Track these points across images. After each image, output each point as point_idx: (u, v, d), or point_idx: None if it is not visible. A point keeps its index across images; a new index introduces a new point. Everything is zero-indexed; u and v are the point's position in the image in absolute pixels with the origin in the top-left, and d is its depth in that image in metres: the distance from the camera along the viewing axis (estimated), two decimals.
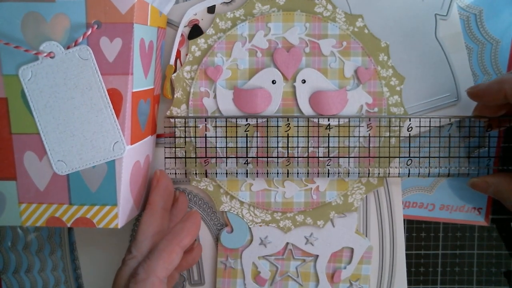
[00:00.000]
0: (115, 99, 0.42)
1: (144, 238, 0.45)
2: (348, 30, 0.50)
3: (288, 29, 0.50)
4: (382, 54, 0.50)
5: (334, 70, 0.50)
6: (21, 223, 0.44)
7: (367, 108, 0.50)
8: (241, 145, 0.51)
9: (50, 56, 0.41)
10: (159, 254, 0.43)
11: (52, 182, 0.43)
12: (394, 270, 0.53)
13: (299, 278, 0.53)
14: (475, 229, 0.53)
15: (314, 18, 0.50)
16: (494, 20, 0.51)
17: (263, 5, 0.50)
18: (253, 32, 0.50)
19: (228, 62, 0.50)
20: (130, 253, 0.44)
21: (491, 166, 0.50)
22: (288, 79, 0.50)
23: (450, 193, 0.53)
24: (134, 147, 0.44)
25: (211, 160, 0.51)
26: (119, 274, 0.44)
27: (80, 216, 0.44)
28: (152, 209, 0.47)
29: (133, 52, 0.42)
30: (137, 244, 0.45)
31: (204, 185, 0.52)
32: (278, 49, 0.50)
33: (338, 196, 0.51)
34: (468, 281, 0.54)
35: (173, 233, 0.45)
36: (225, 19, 0.50)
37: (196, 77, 0.51)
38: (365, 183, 0.51)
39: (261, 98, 0.50)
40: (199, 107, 0.51)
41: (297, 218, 0.52)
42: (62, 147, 0.43)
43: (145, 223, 0.46)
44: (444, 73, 0.51)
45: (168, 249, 0.43)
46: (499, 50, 0.51)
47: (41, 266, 0.56)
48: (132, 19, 0.41)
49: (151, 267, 0.42)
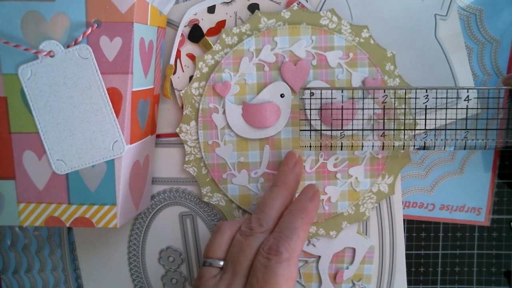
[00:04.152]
0: (114, 98, 0.42)
1: (274, 215, 0.44)
2: (354, 41, 0.50)
3: (294, 42, 0.50)
4: (389, 64, 0.50)
5: (341, 82, 0.50)
6: (20, 222, 0.44)
7: (375, 118, 0.50)
8: (252, 159, 0.51)
9: (49, 55, 0.41)
10: (297, 234, 0.42)
11: (51, 181, 0.43)
12: (394, 270, 0.53)
13: (301, 279, 0.53)
14: (475, 229, 0.53)
15: (320, 30, 0.50)
16: (494, 20, 0.51)
17: (268, 19, 0.50)
18: (260, 46, 0.50)
19: (236, 77, 0.50)
20: (261, 226, 0.43)
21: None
22: (296, 92, 0.50)
23: (450, 193, 0.53)
24: (133, 146, 0.44)
25: (223, 175, 0.51)
26: (248, 242, 0.43)
27: (79, 215, 0.44)
28: (286, 188, 0.47)
29: (133, 51, 0.42)
30: (267, 219, 0.44)
31: (216, 200, 0.52)
32: (285, 63, 0.50)
33: (350, 206, 0.51)
34: (468, 281, 0.54)
35: (306, 211, 0.44)
36: (232, 34, 0.50)
37: (204, 93, 0.51)
38: (376, 192, 0.51)
39: (270, 112, 0.50)
40: (209, 123, 0.51)
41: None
42: (62, 146, 0.42)
43: (277, 200, 0.45)
44: (444, 73, 0.51)
45: (304, 228, 0.43)
46: (499, 50, 0.51)
47: (41, 266, 0.55)
48: (132, 18, 0.41)
49: (293, 247, 0.41)
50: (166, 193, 0.53)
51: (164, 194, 0.53)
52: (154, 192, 0.53)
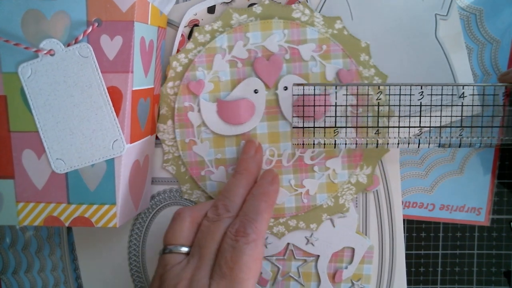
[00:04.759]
0: (115, 97, 0.42)
1: (239, 200, 0.46)
2: (327, 33, 0.50)
3: (267, 37, 0.50)
4: (363, 54, 0.50)
5: (315, 75, 0.50)
6: (19, 222, 0.44)
7: (351, 109, 0.50)
8: (229, 155, 0.51)
9: (50, 54, 0.41)
10: (262, 216, 0.44)
11: (50, 180, 0.43)
12: (394, 270, 0.53)
13: (300, 278, 0.53)
14: (475, 229, 0.53)
15: (292, 24, 0.50)
16: (494, 20, 0.51)
17: (240, 15, 0.50)
18: (232, 43, 0.50)
19: (210, 75, 0.50)
20: (228, 211, 0.44)
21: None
22: (270, 87, 0.50)
23: (450, 193, 0.53)
24: (133, 145, 0.44)
25: (201, 172, 0.52)
26: (216, 226, 0.43)
27: (78, 215, 0.44)
28: (249, 175, 0.48)
29: (134, 50, 0.42)
30: (233, 205, 0.45)
31: (196, 197, 0.53)
32: (258, 58, 0.50)
33: (329, 198, 0.51)
34: (468, 281, 0.54)
35: (268, 195, 0.46)
36: (204, 32, 0.50)
37: (179, 92, 0.51)
38: (355, 183, 0.51)
39: (244, 108, 0.50)
40: (185, 121, 0.51)
41: (289, 223, 0.52)
42: (61, 145, 0.42)
43: (241, 187, 0.47)
44: (444, 73, 0.51)
45: (269, 211, 0.45)
46: (499, 50, 0.51)
47: (41, 266, 0.55)
48: (132, 17, 0.41)
49: (259, 228, 0.42)
50: (166, 193, 0.53)
51: (164, 194, 0.53)
52: (154, 192, 0.53)
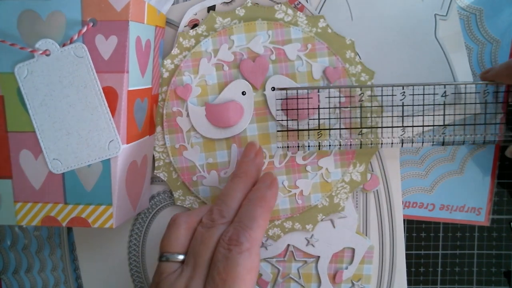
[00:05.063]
0: (110, 97, 0.42)
1: (234, 205, 0.44)
2: (311, 32, 0.49)
3: (251, 39, 0.50)
4: (349, 51, 0.49)
5: (302, 74, 0.50)
6: (17, 222, 0.44)
7: (340, 107, 0.49)
8: (220, 159, 0.51)
9: (45, 54, 0.41)
10: (258, 223, 0.42)
11: (48, 181, 0.43)
12: (394, 270, 0.52)
13: (301, 280, 0.53)
14: (475, 229, 0.53)
15: (276, 24, 0.50)
16: (494, 20, 0.50)
17: (223, 18, 0.50)
18: (217, 46, 0.50)
19: (196, 79, 0.50)
20: (223, 217, 0.43)
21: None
22: (257, 89, 0.50)
23: (450, 193, 0.53)
24: (130, 146, 0.44)
25: (193, 178, 0.52)
26: (209, 233, 0.42)
27: (75, 215, 0.44)
28: (248, 179, 0.47)
29: (129, 50, 0.41)
30: (229, 210, 0.44)
31: (189, 203, 0.53)
32: (244, 60, 0.50)
33: (323, 198, 0.51)
34: (468, 281, 0.54)
35: (264, 199, 0.44)
36: (188, 37, 0.50)
37: (167, 98, 0.51)
38: (349, 181, 0.51)
39: (233, 111, 0.50)
40: (174, 127, 0.51)
41: (285, 224, 0.52)
42: (58, 145, 0.42)
43: (239, 191, 0.45)
44: (444, 73, 0.50)
45: (265, 217, 0.43)
46: (499, 50, 0.51)
47: (41, 266, 0.56)
48: (127, 16, 0.41)
49: (253, 236, 0.41)
50: (166, 194, 0.53)
51: (164, 195, 0.53)
52: (154, 192, 0.53)
